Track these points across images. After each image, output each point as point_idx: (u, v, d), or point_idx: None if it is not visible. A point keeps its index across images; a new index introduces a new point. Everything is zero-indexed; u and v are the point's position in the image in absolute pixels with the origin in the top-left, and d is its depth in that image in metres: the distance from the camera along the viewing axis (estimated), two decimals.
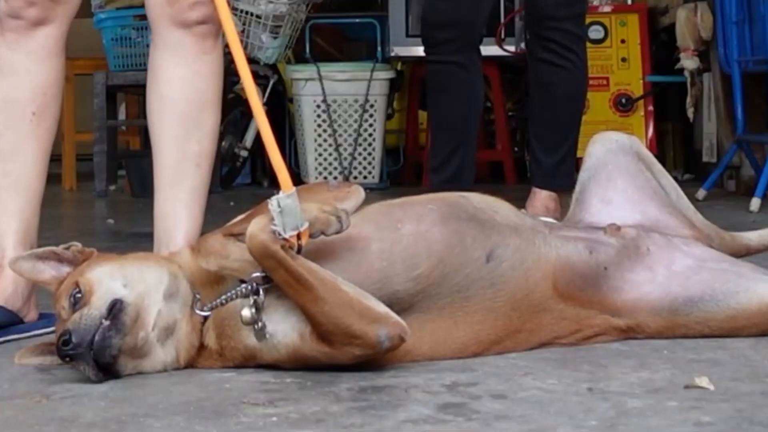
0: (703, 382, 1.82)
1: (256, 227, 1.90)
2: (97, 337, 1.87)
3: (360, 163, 6.48)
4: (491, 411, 1.71)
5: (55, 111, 2.46)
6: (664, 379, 1.89)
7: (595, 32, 6.17)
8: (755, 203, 4.68)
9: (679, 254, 2.21)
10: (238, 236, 2.00)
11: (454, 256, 2.06)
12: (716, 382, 1.82)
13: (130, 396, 1.86)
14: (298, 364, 1.96)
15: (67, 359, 1.88)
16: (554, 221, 2.34)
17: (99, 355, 1.88)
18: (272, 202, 1.89)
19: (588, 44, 6.03)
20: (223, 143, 6.42)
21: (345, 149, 6.43)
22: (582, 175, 2.40)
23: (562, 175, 3.65)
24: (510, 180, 6.59)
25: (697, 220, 2.38)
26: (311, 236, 1.92)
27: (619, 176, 2.36)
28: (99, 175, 6.27)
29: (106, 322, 1.89)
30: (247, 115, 6.49)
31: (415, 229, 2.05)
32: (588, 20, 6.02)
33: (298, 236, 1.90)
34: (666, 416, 1.67)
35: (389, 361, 1.99)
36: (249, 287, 1.95)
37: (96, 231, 4.68)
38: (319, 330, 1.91)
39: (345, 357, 1.93)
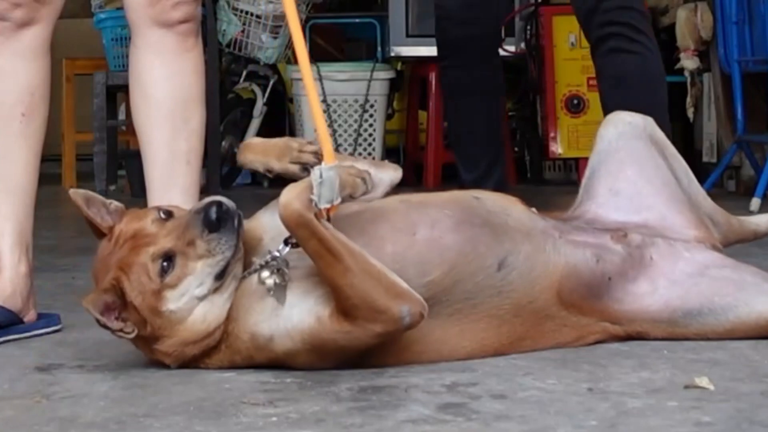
0: (703, 382, 1.82)
1: (291, 195, 1.89)
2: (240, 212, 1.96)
3: (360, 153, 6.48)
4: (491, 411, 1.71)
5: (43, 111, 2.46)
6: (664, 379, 1.89)
7: None
8: (755, 203, 4.68)
9: (682, 262, 2.20)
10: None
11: (467, 264, 2.05)
12: (716, 382, 1.82)
13: (130, 396, 1.86)
14: (311, 352, 1.94)
15: (217, 221, 1.93)
16: (564, 221, 2.29)
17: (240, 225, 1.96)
18: (315, 172, 1.88)
19: (588, 44, 6.08)
20: (223, 143, 6.41)
21: (345, 149, 6.43)
22: (592, 159, 2.35)
23: None
24: (510, 180, 6.58)
25: (706, 206, 2.37)
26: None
27: (629, 165, 2.32)
28: (99, 175, 6.27)
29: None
30: (247, 115, 6.49)
31: (429, 235, 2.04)
32: None
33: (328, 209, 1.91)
34: (666, 416, 1.66)
35: (392, 364, 2.00)
36: (271, 259, 1.95)
37: None
38: (345, 305, 1.89)
39: (366, 335, 1.91)
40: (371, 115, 6.45)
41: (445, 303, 2.03)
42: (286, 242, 1.97)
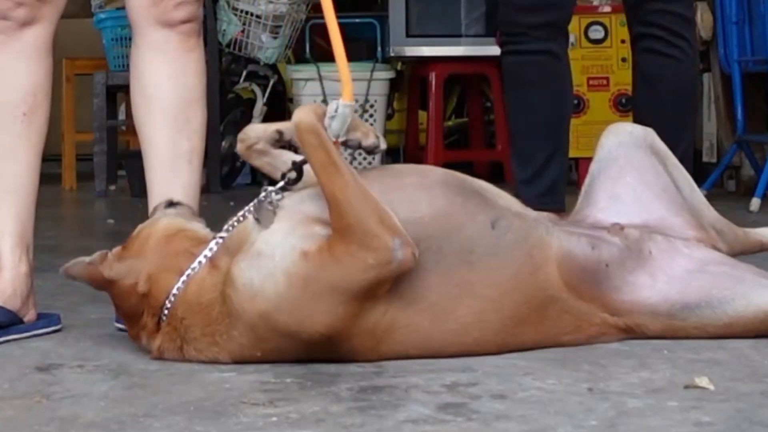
0: (703, 382, 1.82)
1: (308, 108, 2.04)
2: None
3: (360, 163, 6.48)
4: (491, 411, 1.71)
5: (45, 110, 2.47)
6: (664, 379, 1.89)
7: (595, 32, 6.16)
8: (755, 203, 4.68)
9: (680, 258, 2.21)
10: None
11: (457, 213, 2.06)
12: (716, 382, 1.83)
13: (130, 396, 1.86)
14: (298, 297, 1.94)
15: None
16: (558, 217, 2.32)
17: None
18: (332, 104, 2.02)
19: (588, 44, 6.09)
20: (223, 143, 6.41)
21: (345, 149, 6.43)
22: (593, 167, 2.37)
23: None
24: (510, 179, 6.59)
25: (710, 215, 2.37)
26: (349, 144, 2.07)
27: (629, 172, 2.34)
28: (99, 175, 6.27)
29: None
30: (247, 115, 6.49)
31: (419, 183, 2.08)
32: (588, 20, 6.04)
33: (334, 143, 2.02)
34: (666, 416, 1.67)
35: (387, 356, 2.00)
36: (266, 194, 2.04)
37: (96, 231, 4.68)
38: (340, 224, 1.93)
39: (356, 268, 1.92)
40: (371, 115, 6.44)
41: (438, 253, 2.02)
42: (282, 176, 2.08)
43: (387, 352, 2.01)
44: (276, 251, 1.96)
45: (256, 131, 2.20)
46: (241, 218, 2.07)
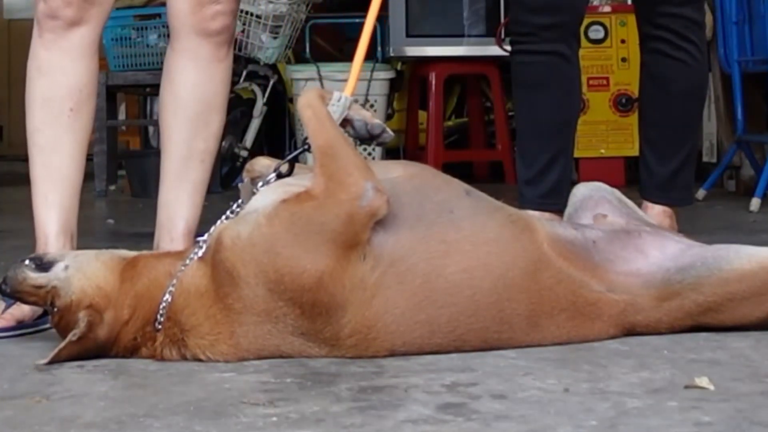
0: (703, 382, 1.82)
1: (311, 88, 2.29)
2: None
3: None
4: (491, 411, 1.71)
5: (90, 107, 2.59)
6: (664, 379, 1.89)
7: (595, 32, 6.17)
8: (755, 203, 4.68)
9: (671, 241, 2.26)
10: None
11: (431, 177, 2.20)
12: (716, 382, 1.83)
13: (130, 396, 1.86)
14: (277, 237, 2.00)
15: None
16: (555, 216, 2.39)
17: None
18: (336, 93, 2.23)
19: (588, 44, 6.09)
20: (223, 143, 6.41)
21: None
22: (569, 210, 2.46)
23: (679, 187, 3.08)
24: (510, 180, 6.59)
25: None
26: (355, 126, 2.23)
27: (606, 202, 2.42)
28: (99, 175, 6.27)
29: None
30: (247, 115, 6.49)
31: (389, 160, 2.27)
32: (588, 20, 6.04)
33: None
34: (666, 416, 1.67)
35: (385, 320, 2.01)
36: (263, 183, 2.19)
37: (96, 231, 4.67)
38: (320, 170, 2.05)
39: (329, 203, 2.01)
40: None
41: (418, 208, 2.10)
42: (274, 170, 2.20)
43: (383, 314, 2.01)
44: (258, 205, 2.09)
45: (262, 165, 2.29)
46: (222, 222, 2.16)
